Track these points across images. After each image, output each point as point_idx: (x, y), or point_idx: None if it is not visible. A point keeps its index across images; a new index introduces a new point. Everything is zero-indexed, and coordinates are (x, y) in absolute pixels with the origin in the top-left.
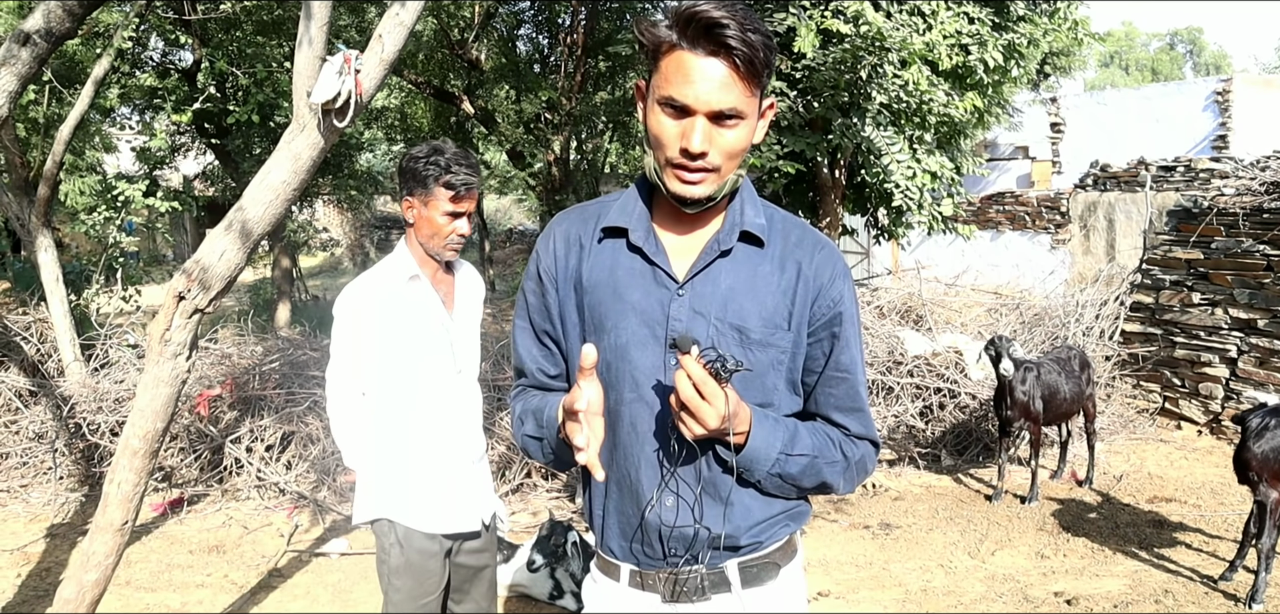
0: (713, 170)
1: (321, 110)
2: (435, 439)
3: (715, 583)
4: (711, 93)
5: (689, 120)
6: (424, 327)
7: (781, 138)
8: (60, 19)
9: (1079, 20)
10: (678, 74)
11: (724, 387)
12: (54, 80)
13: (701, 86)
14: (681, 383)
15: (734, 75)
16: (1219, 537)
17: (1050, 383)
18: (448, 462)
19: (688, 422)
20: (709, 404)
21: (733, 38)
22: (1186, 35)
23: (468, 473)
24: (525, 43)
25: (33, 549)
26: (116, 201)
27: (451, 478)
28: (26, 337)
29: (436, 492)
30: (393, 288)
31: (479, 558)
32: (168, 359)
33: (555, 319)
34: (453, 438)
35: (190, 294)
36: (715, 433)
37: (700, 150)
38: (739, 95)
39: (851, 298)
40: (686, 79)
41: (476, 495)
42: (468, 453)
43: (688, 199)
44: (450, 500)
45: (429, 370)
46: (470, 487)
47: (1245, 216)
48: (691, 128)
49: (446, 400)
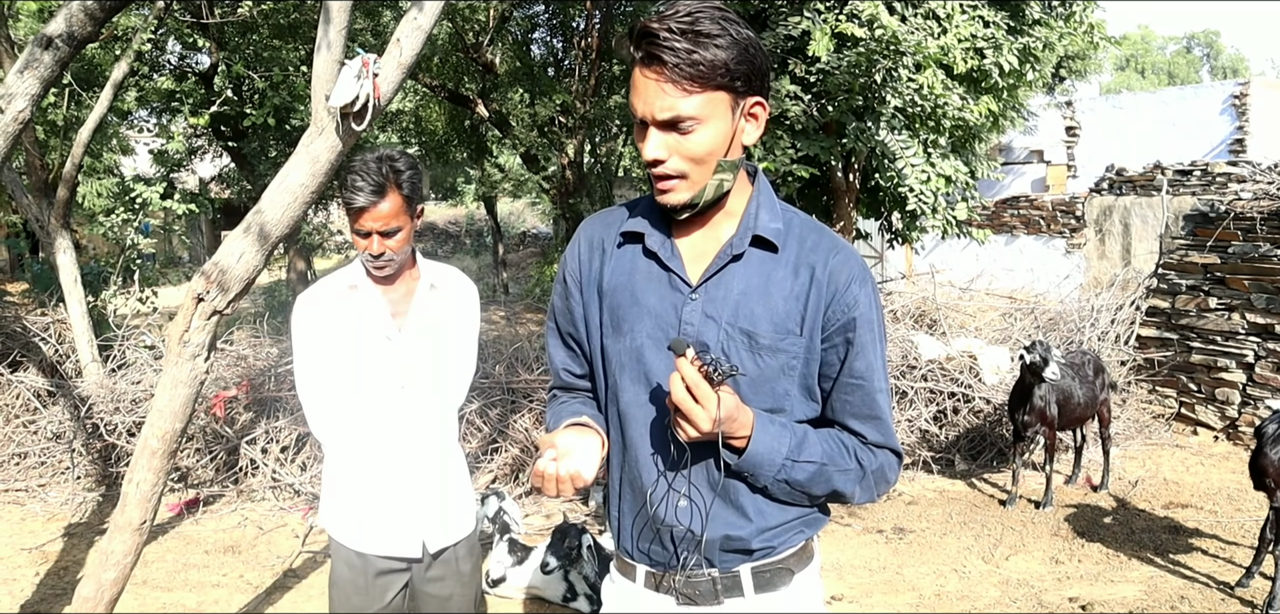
0: (680, 176)
1: (340, 114)
2: (369, 456)
3: (728, 587)
4: (652, 102)
5: (647, 131)
6: (361, 339)
7: (795, 141)
8: (82, 23)
9: (1095, 24)
10: (633, 88)
11: (718, 390)
12: (73, 83)
13: (644, 97)
14: (675, 385)
15: (672, 83)
16: (1235, 543)
17: (1064, 387)
18: (384, 481)
19: (681, 424)
20: (701, 407)
21: (664, 47)
22: (1203, 39)
23: (410, 495)
24: (539, 46)
25: (51, 548)
26: (134, 204)
27: (387, 498)
28: (45, 337)
29: (366, 511)
30: (334, 297)
31: (437, 587)
32: (186, 360)
33: (579, 322)
34: (390, 456)
35: (209, 296)
36: (707, 436)
37: (652, 158)
38: (682, 102)
39: (870, 303)
40: (635, 91)
41: (420, 520)
42: (411, 474)
43: (667, 206)
44: (383, 522)
45: (367, 384)
46: (411, 510)
47: (1263, 221)
48: (645, 138)
49: (385, 416)
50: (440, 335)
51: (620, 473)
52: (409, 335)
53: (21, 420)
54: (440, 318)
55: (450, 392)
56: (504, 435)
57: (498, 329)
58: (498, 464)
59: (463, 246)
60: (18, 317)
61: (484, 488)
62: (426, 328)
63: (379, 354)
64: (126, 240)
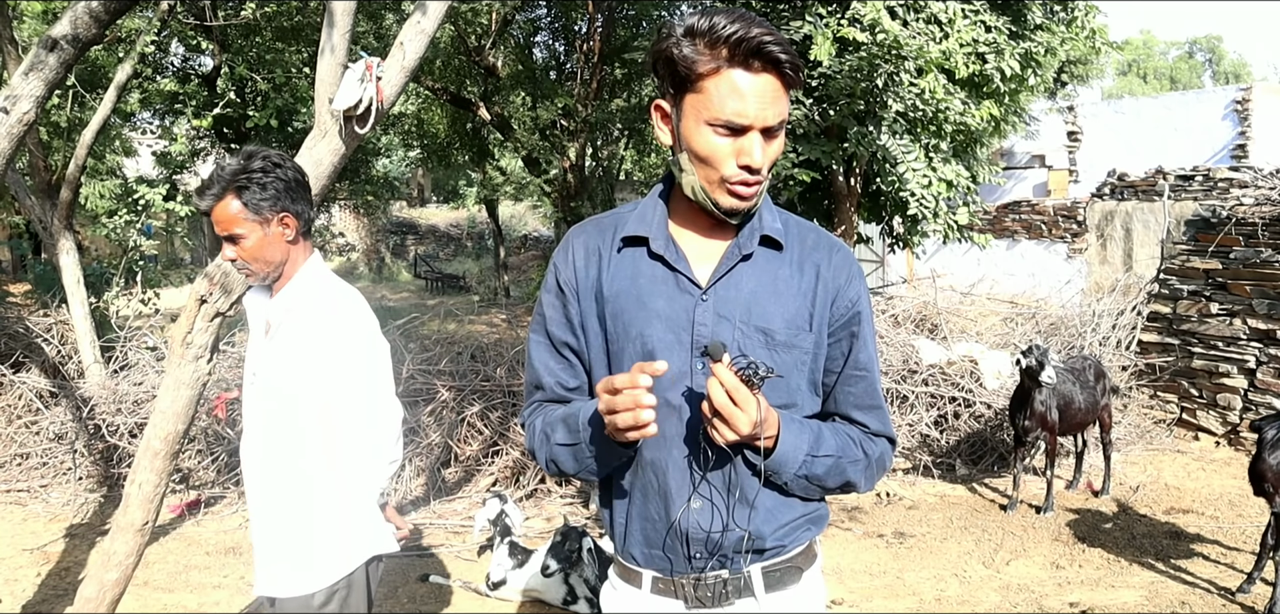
0: (760, 182)
1: (343, 117)
2: (248, 480)
3: (738, 588)
4: (766, 109)
5: (746, 137)
6: (249, 344)
7: (797, 146)
8: (87, 25)
9: (1097, 29)
10: (732, 94)
11: (756, 393)
12: (77, 85)
13: (756, 104)
14: (714, 390)
15: (782, 89)
16: (1237, 548)
17: (1065, 393)
18: (251, 509)
19: (720, 428)
20: (742, 411)
21: (782, 54)
22: (1206, 44)
23: (257, 530)
24: (542, 50)
25: (52, 549)
26: (137, 205)
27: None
28: (48, 338)
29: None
30: (257, 292)
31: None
32: (189, 361)
33: (576, 330)
34: (249, 482)
35: (212, 297)
36: (747, 438)
37: (761, 164)
38: (785, 106)
39: (866, 298)
40: (741, 98)
41: (260, 560)
42: (255, 508)
43: (741, 212)
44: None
45: (245, 395)
46: (258, 547)
47: (1264, 226)
48: (751, 144)
49: (250, 438)
50: (283, 366)
51: (631, 478)
52: (266, 356)
53: (24, 421)
54: (286, 347)
55: (309, 434)
56: (505, 438)
57: (498, 332)
58: (499, 467)
59: (464, 249)
60: (20, 317)
61: (486, 490)
62: (276, 354)
63: (250, 366)
64: (129, 242)
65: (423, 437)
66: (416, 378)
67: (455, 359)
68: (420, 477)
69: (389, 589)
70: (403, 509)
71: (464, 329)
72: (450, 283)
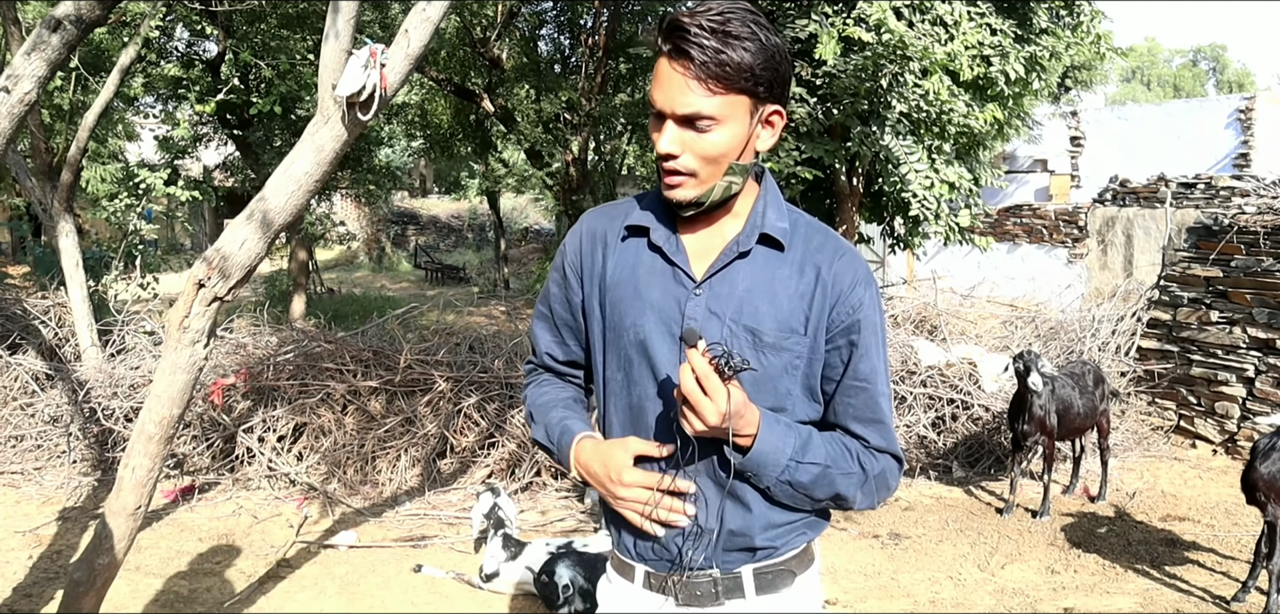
0: (690, 174)
1: (346, 104)
2: None
3: (729, 588)
4: (673, 96)
5: (664, 124)
6: None
7: (800, 144)
8: (90, 6)
9: (1102, 34)
10: (656, 80)
11: (728, 384)
12: (80, 67)
13: (666, 90)
14: (685, 376)
15: (697, 80)
16: (1232, 557)
17: (1064, 397)
18: None
19: (689, 416)
20: (710, 399)
21: (693, 43)
22: (1210, 52)
23: None
24: (547, 43)
25: (45, 531)
26: (137, 189)
27: None
28: (45, 320)
29: None
30: None
31: None
32: (186, 346)
33: (577, 312)
34: None
35: (210, 282)
36: (715, 430)
37: (666, 152)
38: (704, 100)
39: (873, 307)
40: (657, 82)
41: None
42: None
43: (673, 201)
44: None
45: None
46: None
47: (1266, 236)
48: (661, 130)
49: None
50: None
51: None
52: None
53: (19, 403)
54: None
55: None
56: (501, 430)
57: (497, 324)
58: (495, 458)
59: (465, 241)
60: (18, 299)
61: (480, 482)
62: None
63: None
64: (129, 226)
65: (419, 427)
66: (414, 368)
67: (453, 350)
68: (415, 467)
69: (382, 580)
70: (398, 500)
71: (463, 320)
72: (450, 274)
